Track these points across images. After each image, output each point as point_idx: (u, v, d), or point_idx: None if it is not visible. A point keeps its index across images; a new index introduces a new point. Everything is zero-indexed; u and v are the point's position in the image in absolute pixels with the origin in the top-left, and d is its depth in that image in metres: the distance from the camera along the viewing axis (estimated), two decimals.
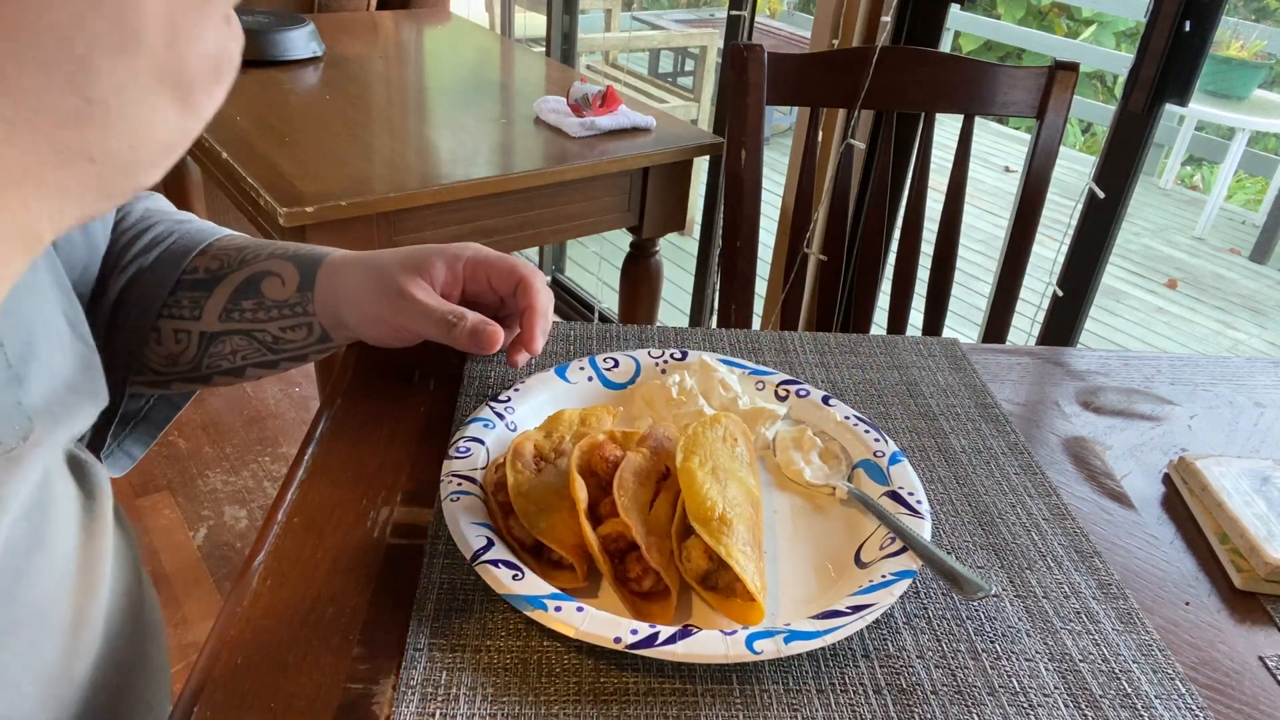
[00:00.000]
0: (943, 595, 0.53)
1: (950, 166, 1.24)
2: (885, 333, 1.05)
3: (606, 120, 1.49)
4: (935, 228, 1.26)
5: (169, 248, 0.65)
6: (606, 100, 1.50)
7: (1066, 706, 0.47)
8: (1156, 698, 0.48)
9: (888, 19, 1.51)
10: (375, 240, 1.27)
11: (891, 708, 0.46)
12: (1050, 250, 1.58)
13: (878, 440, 0.62)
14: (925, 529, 0.55)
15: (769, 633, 0.47)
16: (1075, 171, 4.31)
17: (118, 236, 0.65)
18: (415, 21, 2.20)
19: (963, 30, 4.57)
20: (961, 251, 1.27)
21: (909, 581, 0.51)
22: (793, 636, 0.47)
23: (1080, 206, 1.43)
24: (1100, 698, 0.48)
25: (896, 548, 0.53)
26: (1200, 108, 4.03)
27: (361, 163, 1.32)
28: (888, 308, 1.31)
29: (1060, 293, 1.48)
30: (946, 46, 1.73)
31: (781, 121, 4.28)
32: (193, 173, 1.94)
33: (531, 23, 3.55)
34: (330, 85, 1.65)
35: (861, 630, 0.49)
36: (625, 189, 1.50)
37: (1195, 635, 0.53)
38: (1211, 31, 1.25)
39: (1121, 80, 1.35)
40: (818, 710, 0.46)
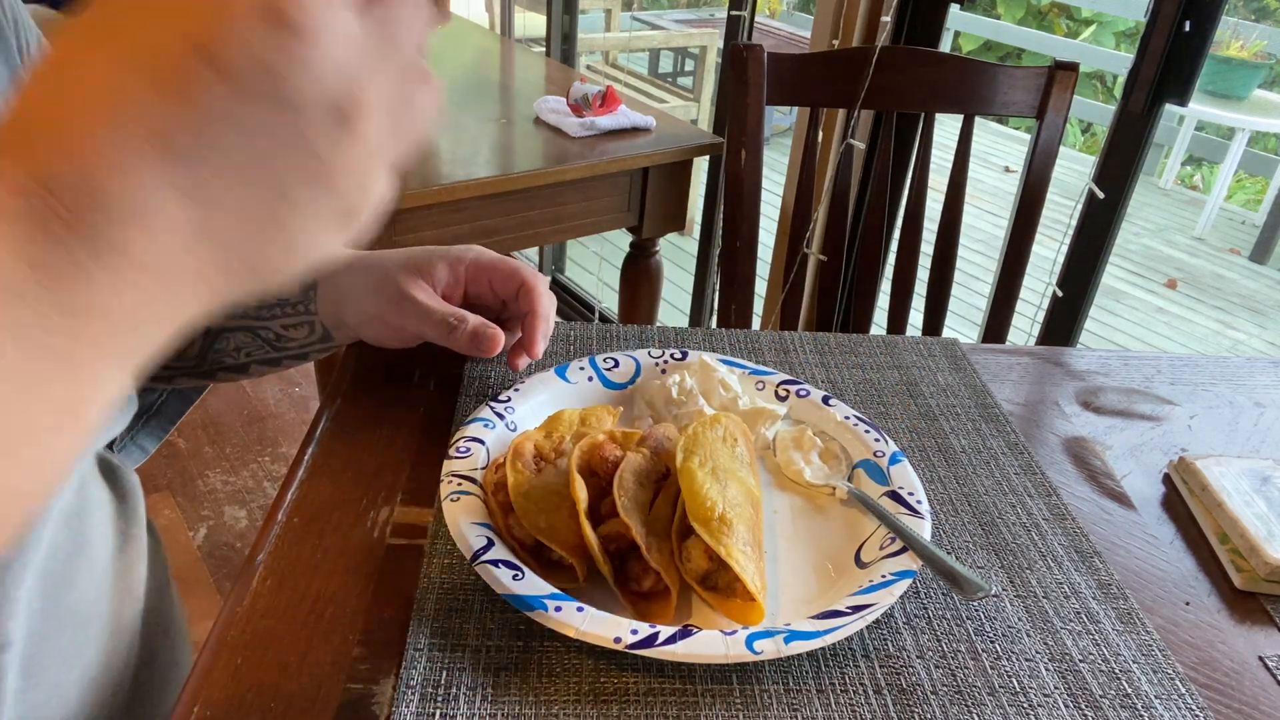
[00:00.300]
0: (943, 595, 0.53)
1: (950, 166, 1.24)
2: (885, 333, 1.05)
3: (606, 120, 1.49)
4: (935, 228, 1.26)
5: None
6: (606, 100, 1.50)
7: (1066, 707, 0.47)
8: (1156, 698, 0.48)
9: (888, 19, 1.51)
10: (375, 240, 1.27)
11: (891, 708, 0.46)
12: (1050, 250, 1.58)
13: (878, 440, 0.62)
14: (925, 529, 0.55)
15: (769, 633, 0.47)
16: (1075, 171, 4.31)
17: None
18: None
19: (963, 30, 4.57)
20: (961, 251, 1.27)
21: (909, 581, 0.51)
22: (793, 636, 0.47)
23: (1080, 206, 1.43)
24: (1100, 698, 0.48)
25: (896, 548, 0.53)
26: (1200, 108, 4.03)
27: None
28: (888, 308, 1.31)
29: (1060, 293, 1.48)
30: (946, 46, 1.73)
31: (781, 121, 4.27)
32: None
33: (531, 23, 3.55)
34: None
35: (861, 630, 0.49)
36: (625, 189, 1.50)
37: (1195, 635, 0.53)
38: (1211, 31, 1.25)
39: (1121, 80, 1.35)
40: (818, 710, 0.46)
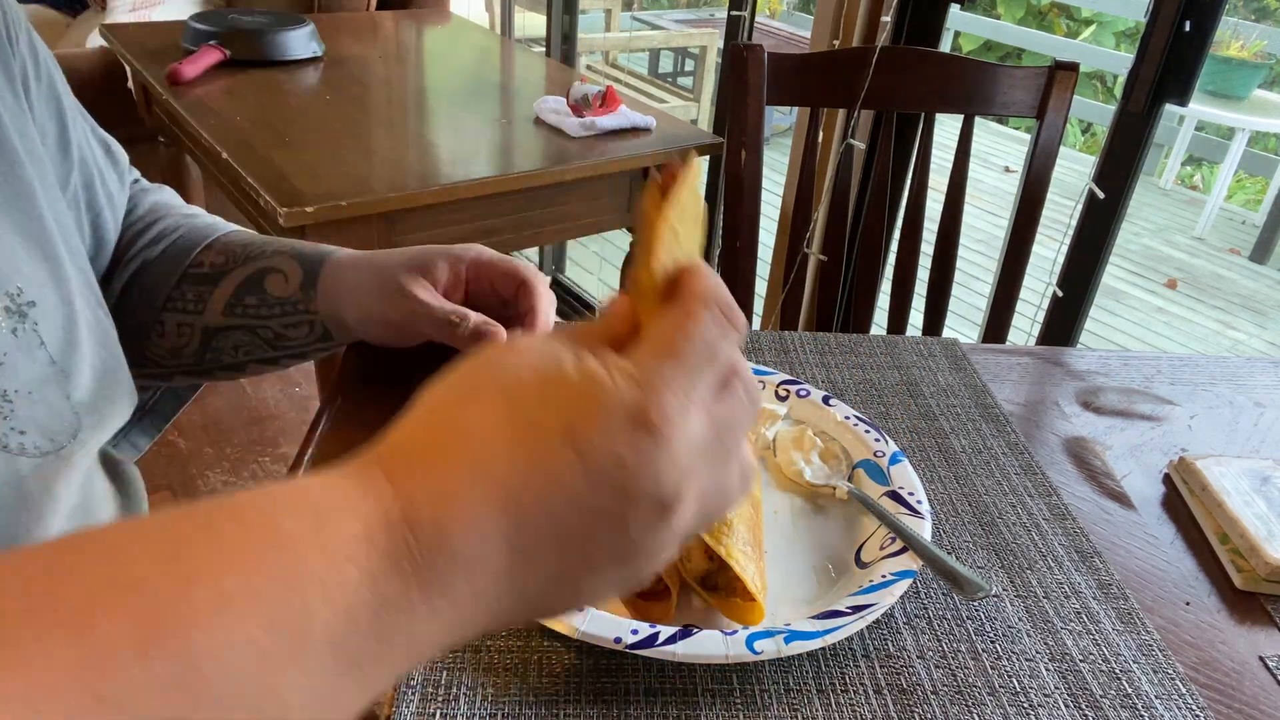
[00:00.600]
0: (943, 595, 0.53)
1: (950, 166, 1.24)
2: (885, 333, 1.05)
3: (606, 120, 1.48)
4: (935, 228, 1.26)
5: (175, 241, 0.66)
6: (606, 100, 1.50)
7: (1067, 706, 0.47)
8: (1157, 698, 0.48)
9: (888, 19, 1.51)
10: (375, 240, 1.27)
11: (891, 708, 0.46)
12: (1050, 250, 1.58)
13: (878, 440, 0.62)
14: (925, 529, 0.55)
15: (769, 633, 0.47)
16: (1075, 171, 4.30)
17: (126, 230, 0.66)
18: (415, 21, 2.20)
19: (963, 30, 4.57)
20: (961, 251, 1.27)
21: (909, 581, 0.51)
22: (793, 636, 0.47)
23: (1080, 206, 1.43)
24: (1100, 698, 0.48)
25: (896, 548, 0.53)
26: (1200, 108, 4.03)
27: (361, 163, 1.32)
28: (888, 308, 1.31)
29: (1060, 293, 1.48)
30: (946, 46, 1.73)
31: (781, 121, 4.27)
32: (193, 173, 1.94)
33: (531, 23, 3.55)
34: (330, 85, 1.65)
35: (861, 630, 0.49)
36: (625, 189, 1.50)
37: (1195, 635, 0.53)
38: (1211, 31, 1.25)
39: (1121, 80, 1.35)
40: (818, 710, 0.46)
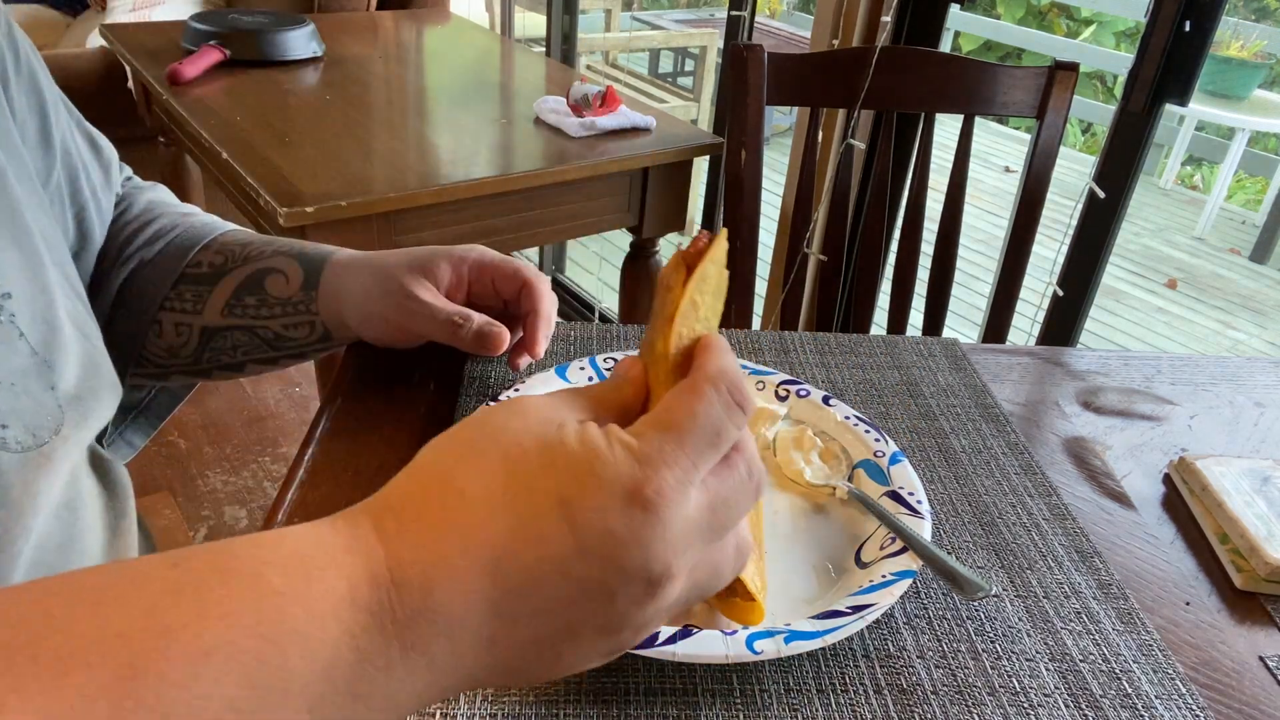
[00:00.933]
0: (943, 595, 0.53)
1: (950, 166, 1.24)
2: (885, 333, 1.05)
3: (606, 120, 1.48)
4: (935, 228, 1.26)
5: (173, 241, 0.66)
6: (606, 100, 1.50)
7: (1067, 706, 0.47)
8: (1157, 698, 0.48)
9: (888, 19, 1.51)
10: (375, 240, 1.27)
11: (891, 708, 0.46)
12: (1050, 250, 1.58)
13: (878, 440, 0.62)
14: (925, 529, 0.55)
15: (769, 633, 0.47)
16: (1075, 171, 4.31)
17: (121, 228, 0.65)
18: (415, 21, 2.20)
19: (963, 30, 4.57)
20: (961, 251, 1.27)
21: (909, 581, 0.51)
22: (793, 636, 0.47)
23: (1080, 206, 1.43)
24: (1101, 698, 0.48)
25: (896, 548, 0.53)
26: (1200, 108, 4.03)
27: (361, 163, 1.32)
28: (888, 308, 1.31)
29: (1060, 292, 1.48)
30: (946, 46, 1.73)
31: (781, 121, 4.27)
32: (193, 173, 1.94)
33: (531, 23, 3.55)
34: (330, 85, 1.65)
35: (861, 630, 0.49)
36: (625, 189, 1.50)
37: (1195, 635, 0.53)
38: (1211, 31, 1.25)
39: (1121, 80, 1.35)
40: (818, 710, 0.46)
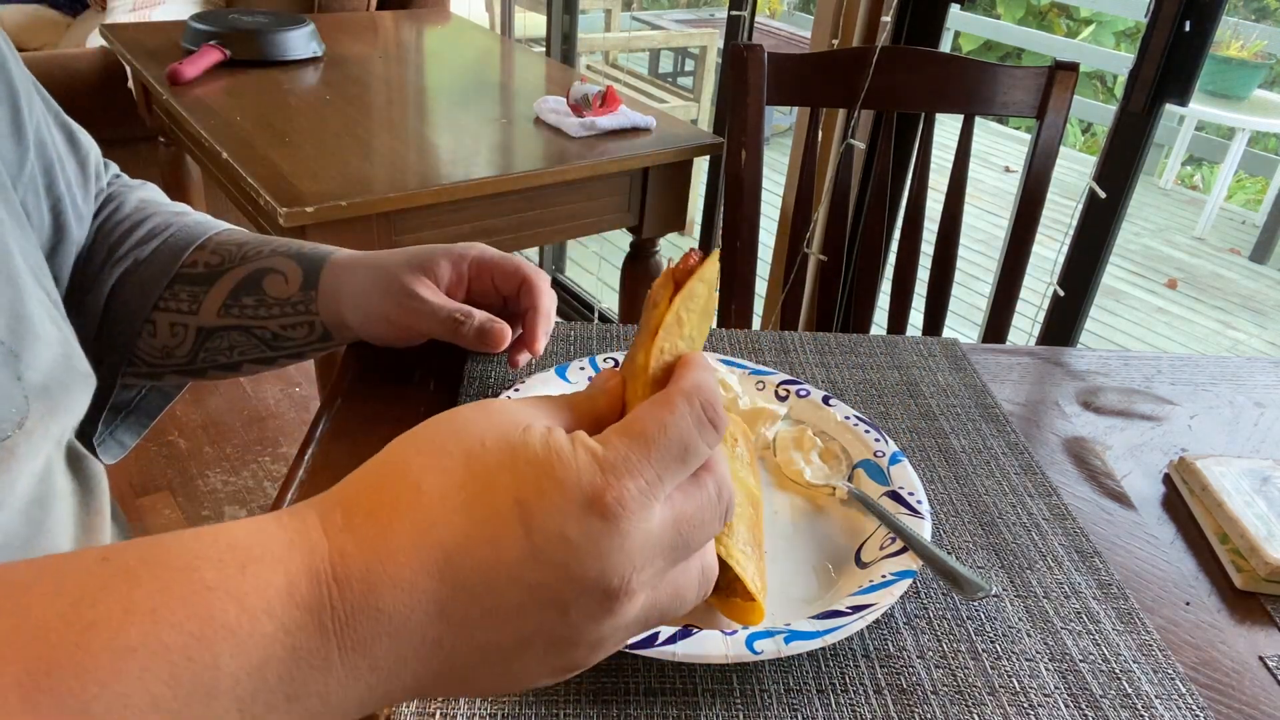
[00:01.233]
0: (943, 595, 0.53)
1: (950, 166, 1.24)
2: (885, 333, 1.05)
3: (606, 120, 1.48)
4: (935, 228, 1.26)
5: (166, 240, 0.65)
6: (606, 100, 1.50)
7: (1067, 706, 0.47)
8: (1157, 698, 0.48)
9: (888, 19, 1.51)
10: (375, 240, 1.27)
11: (891, 708, 0.46)
12: (1050, 250, 1.58)
13: (878, 440, 0.62)
14: (925, 529, 0.55)
15: (769, 633, 0.47)
16: (1075, 171, 4.31)
17: (113, 227, 0.65)
18: (415, 21, 2.20)
19: (963, 30, 4.57)
20: (961, 251, 1.27)
21: (909, 581, 0.51)
22: (793, 636, 0.47)
23: (1080, 206, 1.43)
24: (1100, 698, 0.48)
25: (896, 548, 0.53)
26: (1200, 108, 4.03)
27: (361, 163, 1.32)
28: (888, 308, 1.31)
29: (1061, 292, 1.48)
30: (946, 46, 1.73)
31: (781, 121, 4.27)
32: (193, 173, 1.94)
33: (531, 23, 3.55)
34: (330, 85, 1.65)
35: (861, 630, 0.49)
36: (625, 189, 1.50)
37: (1195, 635, 0.53)
38: (1211, 31, 1.25)
39: (1121, 80, 1.35)
40: (818, 710, 0.46)
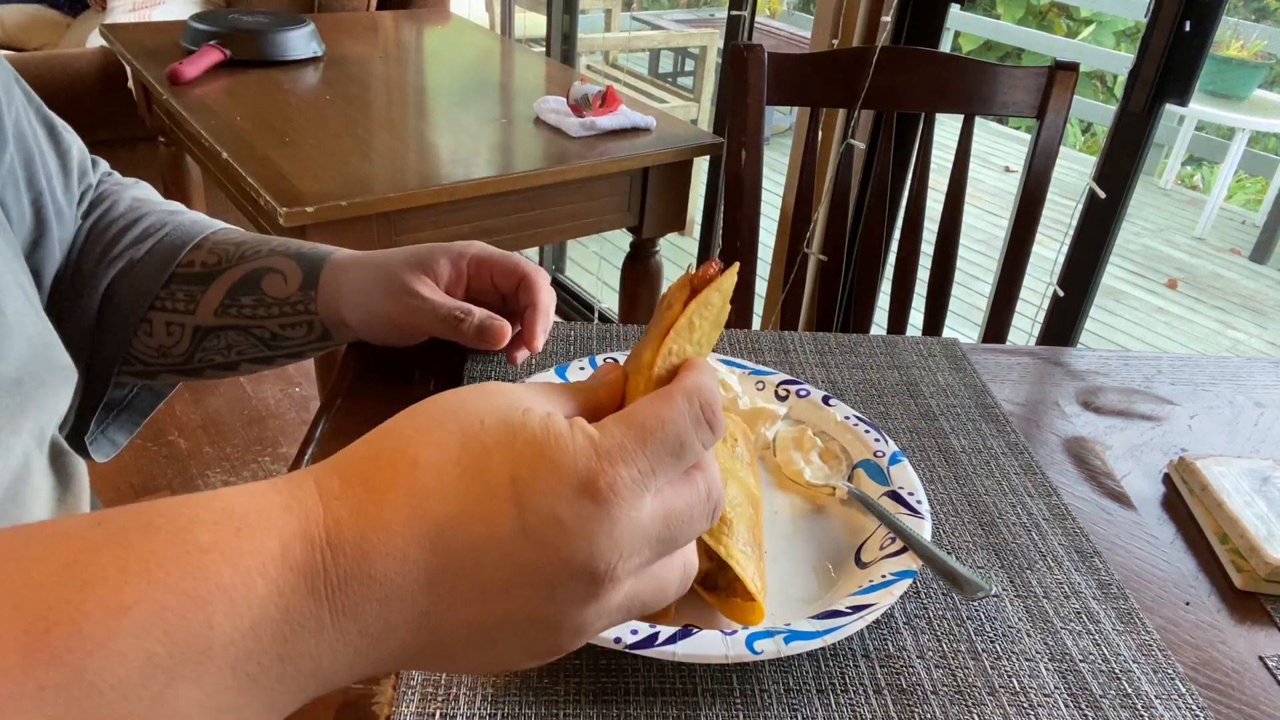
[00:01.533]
0: (943, 595, 0.53)
1: (950, 166, 1.24)
2: (885, 333, 1.05)
3: (606, 120, 1.48)
4: (935, 228, 1.26)
5: (162, 240, 0.65)
6: (606, 100, 1.50)
7: (1067, 706, 0.47)
8: (1156, 698, 0.48)
9: (888, 19, 1.51)
10: (375, 240, 1.27)
11: (891, 708, 0.46)
12: (1050, 250, 1.58)
13: (878, 440, 0.62)
14: (925, 529, 0.55)
15: (769, 633, 0.47)
16: (1075, 171, 4.31)
17: (107, 226, 0.65)
18: (415, 21, 2.20)
19: (963, 30, 4.57)
20: (961, 251, 1.27)
21: (909, 581, 0.51)
22: (793, 636, 0.47)
23: (1080, 206, 1.43)
24: (1100, 698, 0.48)
25: (896, 548, 0.53)
26: (1200, 108, 4.03)
27: (361, 163, 1.32)
28: (888, 308, 1.31)
29: (1061, 292, 1.48)
30: (946, 46, 1.73)
31: (781, 121, 4.27)
32: (193, 173, 1.94)
33: (531, 23, 3.55)
34: (330, 85, 1.65)
35: (861, 630, 0.49)
36: (625, 189, 1.50)
37: (1195, 635, 0.53)
38: (1211, 31, 1.25)
39: (1121, 80, 1.35)
40: (818, 710, 0.46)
